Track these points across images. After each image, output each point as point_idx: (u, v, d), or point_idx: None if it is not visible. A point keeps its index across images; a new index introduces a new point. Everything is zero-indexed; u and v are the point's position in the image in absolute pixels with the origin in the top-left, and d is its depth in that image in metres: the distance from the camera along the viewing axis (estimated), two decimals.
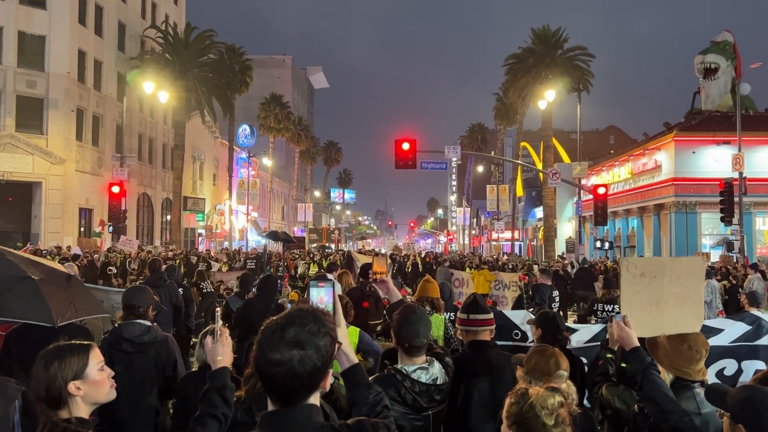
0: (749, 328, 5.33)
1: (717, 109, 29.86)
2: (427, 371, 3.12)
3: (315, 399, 1.80)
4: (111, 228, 27.25)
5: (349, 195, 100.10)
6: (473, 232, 71.09)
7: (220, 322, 2.83)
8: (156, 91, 32.71)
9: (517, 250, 51.29)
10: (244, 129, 52.49)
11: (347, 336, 2.23)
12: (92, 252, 22.52)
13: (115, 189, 26.21)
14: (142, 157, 39.04)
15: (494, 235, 56.94)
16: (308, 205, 59.92)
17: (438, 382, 3.13)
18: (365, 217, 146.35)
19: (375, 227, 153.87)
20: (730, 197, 22.24)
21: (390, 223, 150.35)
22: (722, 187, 22.42)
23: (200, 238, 45.29)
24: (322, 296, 2.16)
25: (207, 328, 4.33)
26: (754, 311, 6.03)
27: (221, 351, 2.64)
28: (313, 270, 19.07)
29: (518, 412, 2.19)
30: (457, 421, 3.41)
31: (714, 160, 26.90)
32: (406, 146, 23.46)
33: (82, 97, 32.68)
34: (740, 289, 13.32)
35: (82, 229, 32.38)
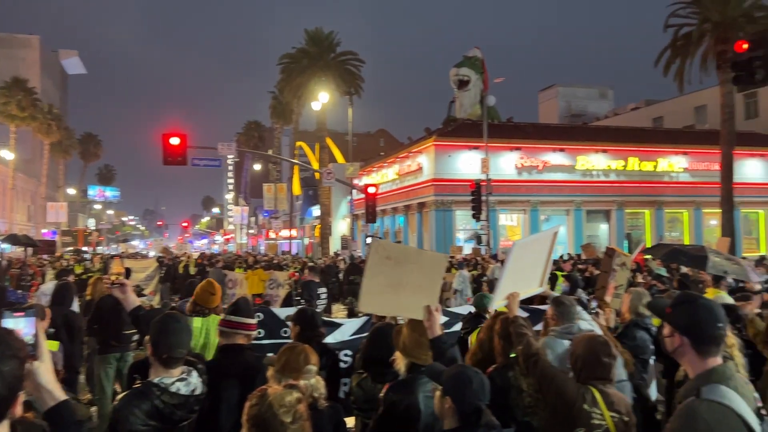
0: None
1: (469, 118, 33.36)
2: (187, 382, 2.96)
3: (3, 428, 1.59)
4: None
5: (111, 193, 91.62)
6: (251, 231, 70.16)
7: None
8: None
9: (295, 249, 51.76)
10: None
11: (51, 372, 1.93)
12: None
13: None
14: None
15: (272, 234, 56.86)
16: (61, 204, 53.39)
17: (197, 393, 3.00)
18: (131, 217, 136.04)
19: (143, 228, 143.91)
20: (479, 197, 25.08)
21: (160, 222, 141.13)
22: (473, 187, 25.18)
23: None
24: (20, 328, 1.82)
25: None
26: None
27: None
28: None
29: (257, 414, 2.24)
30: (205, 427, 3.27)
31: (467, 164, 30.01)
32: (175, 141, 22.12)
33: None
34: (484, 278, 15.00)
35: None
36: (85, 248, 45.46)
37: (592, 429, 3.03)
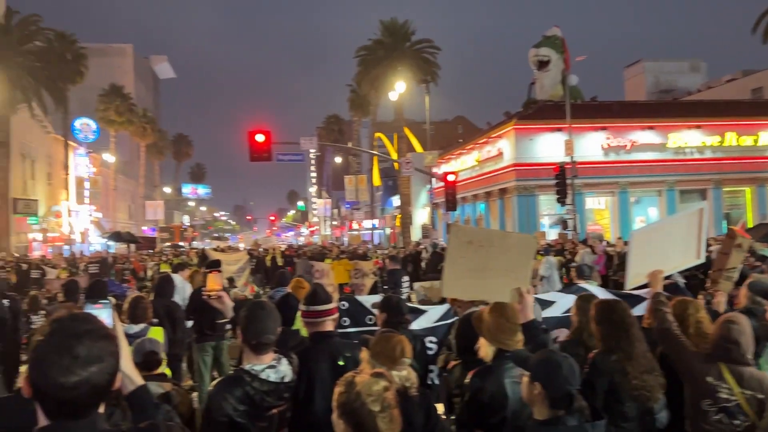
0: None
1: (550, 99, 32.34)
2: (276, 369, 3.06)
3: (101, 406, 1.68)
4: None
5: (203, 190, 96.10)
6: (334, 222, 71.55)
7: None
8: None
9: (376, 239, 52.35)
10: (84, 123, 48.13)
11: (130, 359, 2.09)
12: None
13: None
14: None
15: (355, 225, 57.76)
16: (158, 202, 56.63)
17: (286, 380, 3.10)
18: (222, 213, 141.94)
19: (233, 223, 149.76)
20: (563, 180, 24.31)
21: (249, 217, 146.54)
22: (557, 171, 24.41)
23: (35, 243, 41.05)
24: (102, 318, 1.94)
25: None
26: (582, 283, 6.54)
27: None
28: (164, 269, 18.00)
29: (345, 402, 2.29)
30: (301, 415, 3.35)
31: (549, 146, 29.16)
32: (260, 138, 22.87)
33: None
34: (572, 263, 14.56)
35: None
36: (181, 243, 48.04)
37: (719, 402, 3.19)
